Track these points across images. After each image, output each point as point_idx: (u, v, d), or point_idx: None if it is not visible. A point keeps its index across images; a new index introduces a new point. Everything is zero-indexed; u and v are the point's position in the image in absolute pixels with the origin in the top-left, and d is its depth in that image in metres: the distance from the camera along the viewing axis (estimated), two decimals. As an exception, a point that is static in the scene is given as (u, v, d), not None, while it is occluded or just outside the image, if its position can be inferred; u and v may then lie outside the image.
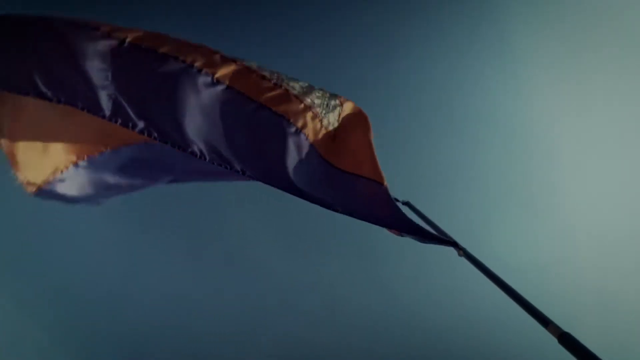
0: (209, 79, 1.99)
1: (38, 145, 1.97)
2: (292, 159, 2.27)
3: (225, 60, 2.12)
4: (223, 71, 2.06)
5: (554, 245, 8.53)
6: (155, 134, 1.79)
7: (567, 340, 1.47)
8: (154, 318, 8.27)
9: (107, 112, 1.71)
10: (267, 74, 2.34)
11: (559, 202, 8.57)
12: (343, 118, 2.84)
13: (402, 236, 2.53)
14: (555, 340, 1.52)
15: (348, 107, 2.92)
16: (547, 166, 8.48)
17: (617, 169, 8.40)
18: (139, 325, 8.23)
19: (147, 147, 2.36)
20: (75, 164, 2.14)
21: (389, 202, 2.49)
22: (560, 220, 8.61)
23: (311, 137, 2.46)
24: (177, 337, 8.29)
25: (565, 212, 8.58)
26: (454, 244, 2.29)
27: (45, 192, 2.04)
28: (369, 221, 2.19)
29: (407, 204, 2.92)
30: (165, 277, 8.29)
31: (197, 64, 1.95)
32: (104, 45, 1.74)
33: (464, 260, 2.16)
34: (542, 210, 8.64)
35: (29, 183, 1.96)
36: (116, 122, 1.72)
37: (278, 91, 2.32)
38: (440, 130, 8.41)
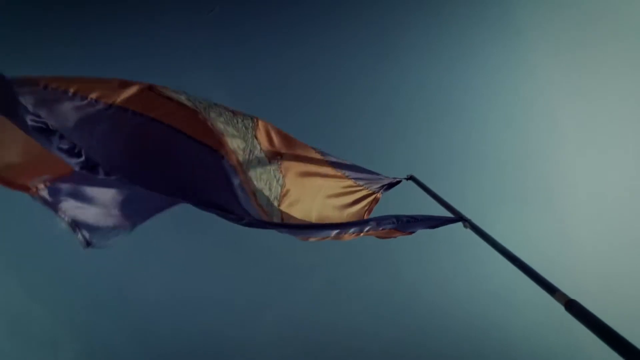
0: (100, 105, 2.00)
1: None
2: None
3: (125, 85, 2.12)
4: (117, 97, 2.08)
5: (554, 228, 8.54)
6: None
7: (574, 307, 1.45)
8: (156, 311, 8.44)
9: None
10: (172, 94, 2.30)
11: (560, 186, 8.51)
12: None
13: (413, 233, 2.48)
14: (562, 308, 1.50)
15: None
16: (550, 149, 8.37)
17: (618, 153, 8.28)
18: (141, 320, 8.42)
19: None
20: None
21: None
22: (560, 204, 8.58)
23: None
24: (181, 320, 8.47)
25: (566, 196, 8.53)
26: (459, 217, 2.28)
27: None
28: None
29: (411, 178, 2.87)
30: (165, 271, 8.40)
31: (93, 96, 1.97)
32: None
33: (469, 231, 2.14)
34: (543, 192, 8.60)
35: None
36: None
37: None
38: (442, 112, 8.27)
